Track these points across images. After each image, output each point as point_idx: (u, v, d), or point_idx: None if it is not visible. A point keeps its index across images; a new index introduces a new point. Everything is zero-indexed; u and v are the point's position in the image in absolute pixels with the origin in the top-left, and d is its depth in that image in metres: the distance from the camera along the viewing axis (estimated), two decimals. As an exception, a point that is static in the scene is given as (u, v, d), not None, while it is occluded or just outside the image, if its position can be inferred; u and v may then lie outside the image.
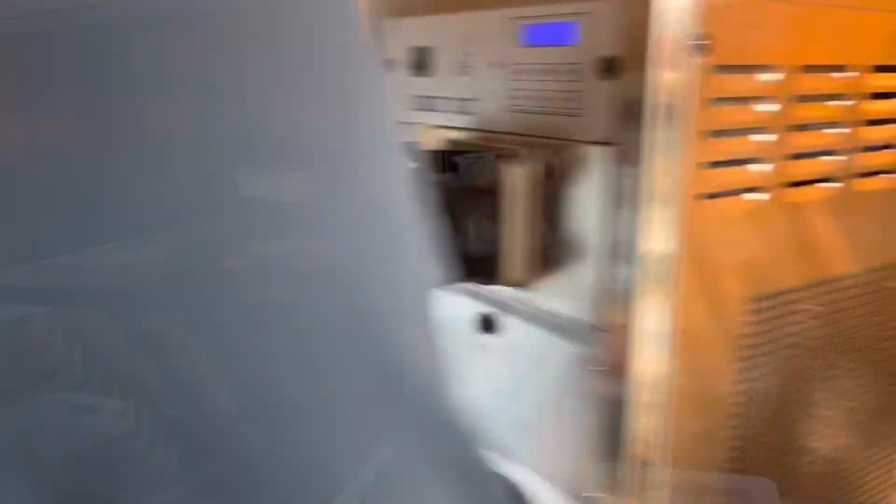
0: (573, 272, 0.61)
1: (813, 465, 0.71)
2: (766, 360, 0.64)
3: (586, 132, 0.57)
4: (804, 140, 0.61)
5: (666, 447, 0.58)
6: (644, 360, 0.56)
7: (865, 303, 0.71)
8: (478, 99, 0.67)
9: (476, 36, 0.66)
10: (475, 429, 0.46)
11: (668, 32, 0.51)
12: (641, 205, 0.53)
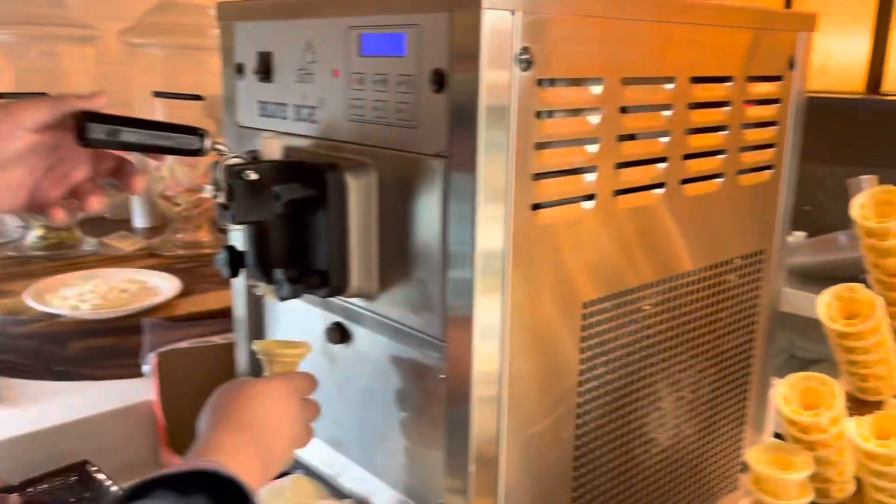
0: (415, 280, 0.61)
1: (658, 455, 0.75)
2: (606, 358, 0.67)
3: (421, 143, 0.57)
4: (630, 149, 0.64)
5: (510, 448, 0.60)
6: (484, 363, 0.57)
7: (699, 299, 0.75)
8: (319, 107, 0.66)
9: (317, 43, 0.66)
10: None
11: (493, 47, 0.52)
12: (473, 213, 0.54)
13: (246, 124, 0.76)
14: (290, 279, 0.61)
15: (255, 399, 0.60)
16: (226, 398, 0.61)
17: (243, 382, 0.63)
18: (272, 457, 0.59)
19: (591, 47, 0.59)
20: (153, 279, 1.17)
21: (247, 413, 0.59)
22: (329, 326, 0.72)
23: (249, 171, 0.59)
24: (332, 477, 0.75)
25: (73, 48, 1.28)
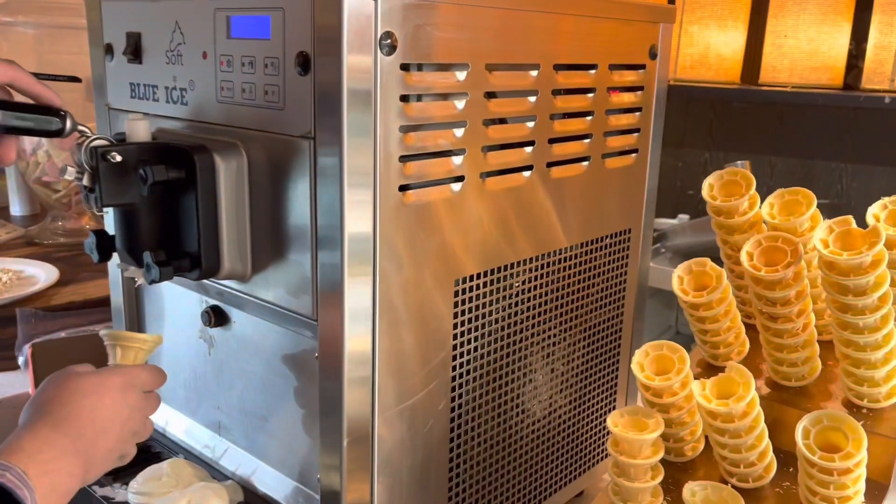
0: (287, 261, 0.62)
1: (534, 425, 0.79)
2: (479, 332, 0.69)
3: (288, 125, 0.58)
4: (497, 133, 0.67)
5: (384, 422, 0.62)
6: (355, 342, 0.59)
7: (570, 275, 0.79)
8: (189, 89, 0.66)
9: (185, 24, 0.65)
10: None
11: (355, 31, 0.53)
12: (341, 194, 0.56)
13: (116, 106, 0.75)
14: (160, 262, 0.61)
15: (80, 393, 0.57)
16: (50, 391, 0.58)
17: (73, 375, 0.60)
18: (95, 454, 0.57)
19: (455, 33, 0.61)
20: (29, 268, 1.13)
21: (69, 409, 0.56)
22: (205, 309, 0.71)
23: (115, 152, 0.59)
24: (213, 460, 0.75)
25: (-65, 25, 1.21)
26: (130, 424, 0.60)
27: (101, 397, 0.59)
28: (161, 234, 0.63)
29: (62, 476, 0.52)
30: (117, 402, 0.59)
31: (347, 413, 0.60)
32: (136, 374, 0.63)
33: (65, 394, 0.58)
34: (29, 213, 1.49)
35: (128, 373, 0.62)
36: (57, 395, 0.58)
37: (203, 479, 0.70)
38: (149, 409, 0.63)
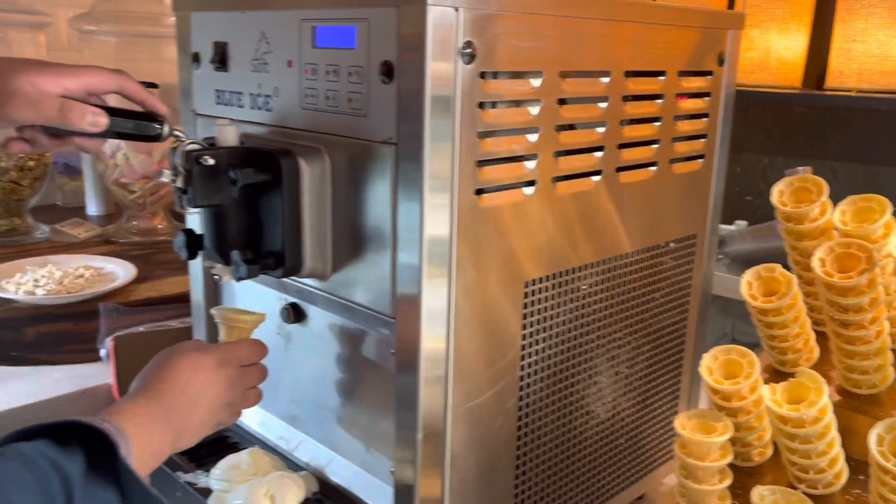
0: (366, 261, 0.65)
1: (597, 426, 0.80)
2: (547, 334, 0.71)
3: (371, 131, 0.61)
4: (568, 139, 0.69)
5: (456, 419, 0.64)
6: (431, 341, 0.61)
7: (637, 279, 0.80)
8: (274, 96, 0.69)
9: (271, 34, 0.68)
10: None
11: (437, 40, 0.56)
12: (421, 198, 0.58)
13: (202, 112, 0.79)
14: (247, 260, 0.64)
15: (177, 370, 0.64)
16: (154, 367, 0.65)
17: (177, 352, 0.66)
18: (185, 425, 0.62)
19: (530, 42, 0.63)
20: (108, 265, 1.18)
21: (166, 383, 0.62)
22: (284, 306, 0.74)
23: (207, 156, 0.62)
24: (288, 451, 0.78)
25: (23, 34, 1.27)
26: (224, 398, 0.65)
27: (195, 373, 0.64)
28: (248, 233, 0.66)
29: (153, 439, 0.58)
30: (210, 378, 0.64)
31: (423, 409, 0.62)
32: (233, 350, 0.68)
33: (164, 369, 0.63)
34: (104, 213, 1.56)
35: (225, 350, 0.67)
36: (158, 371, 0.63)
37: (280, 468, 0.73)
38: (250, 380, 0.68)
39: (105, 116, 0.60)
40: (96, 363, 1.06)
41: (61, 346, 1.06)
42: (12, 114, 0.56)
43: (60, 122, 0.58)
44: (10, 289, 1.06)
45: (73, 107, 0.58)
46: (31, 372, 1.04)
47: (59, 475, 0.48)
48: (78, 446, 0.51)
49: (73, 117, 0.58)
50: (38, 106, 0.56)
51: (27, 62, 0.58)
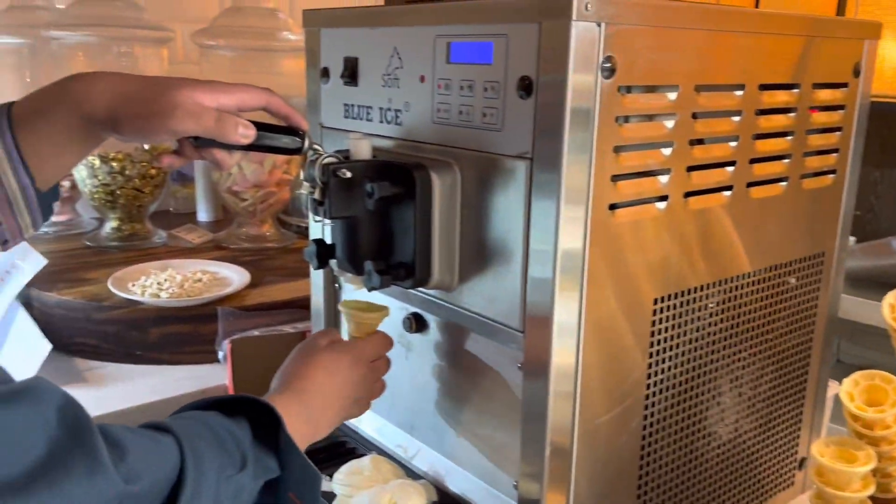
0: (494, 274, 0.65)
1: (718, 449, 0.78)
2: (672, 353, 0.70)
3: (506, 146, 0.61)
4: (701, 153, 0.67)
5: (582, 435, 0.64)
6: (561, 356, 0.61)
7: (762, 298, 0.78)
8: (405, 110, 0.70)
9: (404, 50, 0.70)
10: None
11: (580, 56, 0.56)
12: (556, 212, 0.58)
13: (329, 125, 0.81)
14: (379, 271, 0.66)
15: (314, 370, 0.67)
16: (293, 364, 0.69)
17: (314, 350, 0.69)
18: (320, 422, 0.66)
19: (668, 56, 0.62)
20: (223, 270, 1.23)
21: (304, 383, 0.66)
22: (406, 316, 0.76)
23: (344, 169, 0.64)
24: (406, 459, 0.79)
25: (148, 49, 1.35)
26: (354, 396, 0.69)
27: (331, 374, 0.67)
28: (380, 244, 0.68)
29: (295, 432, 0.60)
30: (344, 378, 0.68)
31: (551, 424, 0.62)
32: (363, 348, 0.71)
33: (303, 368, 0.67)
34: (213, 219, 1.62)
35: (356, 348, 0.70)
36: (298, 369, 0.67)
37: (400, 476, 0.75)
38: (378, 374, 0.72)
39: (253, 129, 0.63)
40: (213, 364, 1.10)
41: (182, 346, 1.11)
42: (175, 126, 0.59)
43: (216, 133, 0.61)
44: (137, 291, 1.12)
45: (228, 119, 0.61)
46: (154, 371, 1.09)
47: (233, 438, 0.53)
48: (244, 418, 0.56)
49: (228, 128, 0.61)
50: (198, 118, 0.59)
51: (185, 80, 0.61)
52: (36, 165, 0.60)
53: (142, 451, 0.45)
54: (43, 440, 0.39)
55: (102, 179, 1.33)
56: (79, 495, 0.39)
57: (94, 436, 0.41)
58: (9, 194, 0.59)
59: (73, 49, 1.30)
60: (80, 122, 0.59)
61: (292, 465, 0.56)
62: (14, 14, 1.37)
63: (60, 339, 1.10)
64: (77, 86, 0.59)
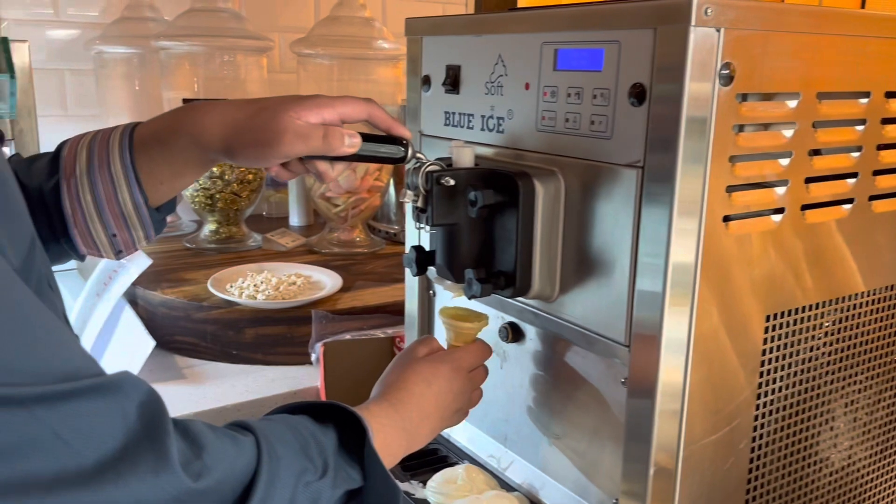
0: (597, 285, 0.63)
1: (828, 476, 0.74)
2: (783, 373, 0.66)
3: (615, 154, 0.60)
4: (821, 164, 0.64)
5: (687, 455, 0.61)
6: (669, 373, 0.59)
7: (879, 319, 0.73)
8: (508, 118, 0.70)
9: (508, 57, 0.69)
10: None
11: (697, 62, 0.54)
12: (666, 224, 0.56)
13: (429, 132, 0.81)
14: (480, 279, 0.65)
15: (413, 381, 0.66)
16: (392, 374, 0.68)
17: (413, 361, 0.69)
18: (418, 434, 0.65)
19: (788, 63, 0.59)
20: (316, 274, 1.26)
21: (402, 394, 0.65)
22: (503, 325, 0.75)
23: (448, 177, 0.64)
24: (499, 470, 0.78)
25: (249, 58, 1.39)
26: (453, 406, 0.68)
27: (429, 385, 0.66)
28: (480, 252, 0.67)
29: (390, 442, 0.61)
30: (443, 389, 0.67)
31: (656, 443, 0.60)
32: (462, 358, 0.70)
33: (402, 379, 0.67)
34: (304, 224, 1.66)
35: (455, 359, 0.69)
36: (396, 380, 0.67)
37: (493, 487, 0.74)
38: (476, 383, 0.71)
39: (359, 138, 0.63)
40: (305, 366, 1.12)
41: (275, 347, 1.13)
42: (286, 151, 0.61)
43: (324, 150, 0.62)
44: (234, 292, 1.15)
45: (334, 132, 0.62)
46: (249, 370, 1.12)
47: (317, 444, 0.53)
48: (332, 426, 0.56)
49: (335, 142, 0.62)
50: (306, 139, 0.61)
51: (289, 101, 0.63)
52: (151, 186, 0.64)
53: (219, 450, 0.45)
54: (120, 433, 0.40)
55: (203, 184, 1.38)
56: (142, 491, 0.39)
57: (167, 434, 0.42)
58: (123, 210, 0.63)
59: (179, 58, 1.36)
60: (195, 151, 0.63)
61: (375, 478, 0.55)
62: (126, 25, 1.44)
63: (162, 337, 1.15)
64: (192, 117, 0.63)
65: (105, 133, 0.65)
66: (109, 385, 0.40)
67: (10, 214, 0.45)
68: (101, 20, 1.51)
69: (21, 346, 0.37)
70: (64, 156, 0.64)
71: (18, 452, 0.35)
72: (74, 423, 0.37)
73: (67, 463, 0.37)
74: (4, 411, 0.35)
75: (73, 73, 1.53)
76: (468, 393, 0.70)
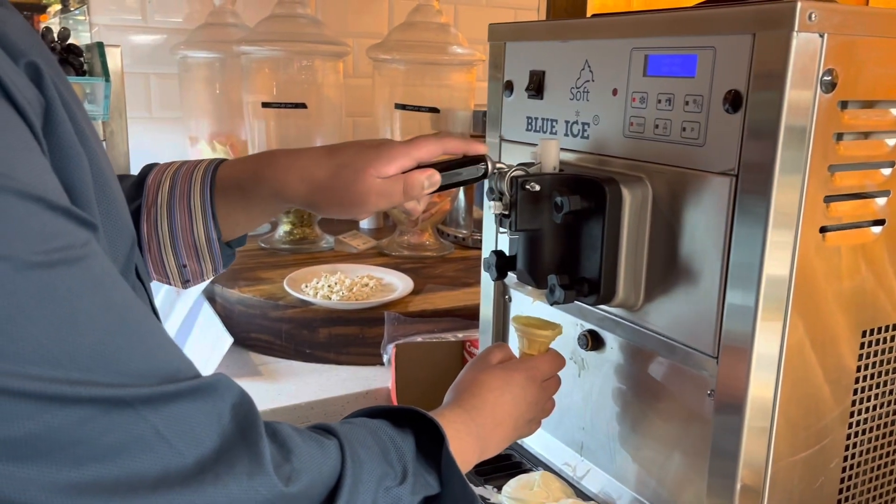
0: (685, 295, 0.62)
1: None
2: (878, 391, 0.64)
3: (708, 161, 0.59)
4: (925, 174, 0.61)
5: (774, 472, 0.59)
6: (759, 389, 0.57)
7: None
8: (593, 123, 0.69)
9: (595, 63, 0.69)
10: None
11: (799, 68, 0.52)
12: (761, 234, 0.55)
13: (510, 138, 0.81)
14: (563, 285, 0.65)
15: (487, 388, 0.66)
16: (466, 380, 0.67)
17: (486, 368, 0.68)
18: (490, 441, 0.64)
19: (892, 69, 0.57)
20: (388, 276, 1.27)
21: (476, 400, 0.65)
22: (582, 333, 0.74)
23: (533, 182, 0.64)
24: (574, 479, 0.77)
25: (327, 63, 1.42)
26: (526, 416, 0.67)
27: (503, 393, 0.66)
28: (563, 259, 0.67)
29: (464, 449, 0.61)
30: (517, 398, 0.66)
31: (743, 459, 0.58)
32: (537, 367, 0.69)
33: (476, 386, 0.66)
34: (375, 227, 1.68)
35: (529, 368, 0.69)
36: (471, 386, 0.66)
37: (570, 495, 0.73)
38: (550, 393, 0.70)
39: (437, 176, 0.64)
40: (376, 367, 1.13)
41: (347, 347, 1.15)
42: (370, 209, 0.64)
43: (406, 201, 0.63)
44: (309, 292, 1.18)
45: (413, 182, 0.63)
46: (321, 369, 1.14)
47: (396, 449, 0.53)
48: (410, 431, 0.56)
49: (416, 192, 0.64)
50: (389, 196, 0.63)
51: (364, 152, 0.64)
52: (226, 224, 0.67)
53: (306, 454, 0.45)
54: (217, 435, 0.40)
55: (279, 185, 1.41)
56: (237, 493, 0.40)
57: (261, 437, 0.42)
58: (197, 242, 0.66)
59: (260, 63, 1.39)
60: (275, 203, 0.66)
61: (452, 485, 0.55)
62: (209, 31, 1.49)
63: (238, 334, 1.18)
64: (274, 171, 0.65)
65: (189, 166, 0.67)
66: (207, 387, 0.41)
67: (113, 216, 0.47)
68: (186, 26, 1.56)
69: (128, 347, 0.38)
70: (148, 183, 0.67)
71: (126, 452, 0.36)
72: (176, 425, 0.38)
73: (170, 463, 0.38)
74: (114, 412, 0.36)
75: (157, 77, 1.59)
76: (542, 403, 0.69)
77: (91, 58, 1.17)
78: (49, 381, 0.34)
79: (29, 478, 0.34)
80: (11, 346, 0.33)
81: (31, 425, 0.33)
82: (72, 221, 0.37)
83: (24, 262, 0.34)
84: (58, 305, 0.35)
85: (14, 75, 0.37)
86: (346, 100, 1.48)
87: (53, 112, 0.39)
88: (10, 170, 0.34)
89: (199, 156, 1.51)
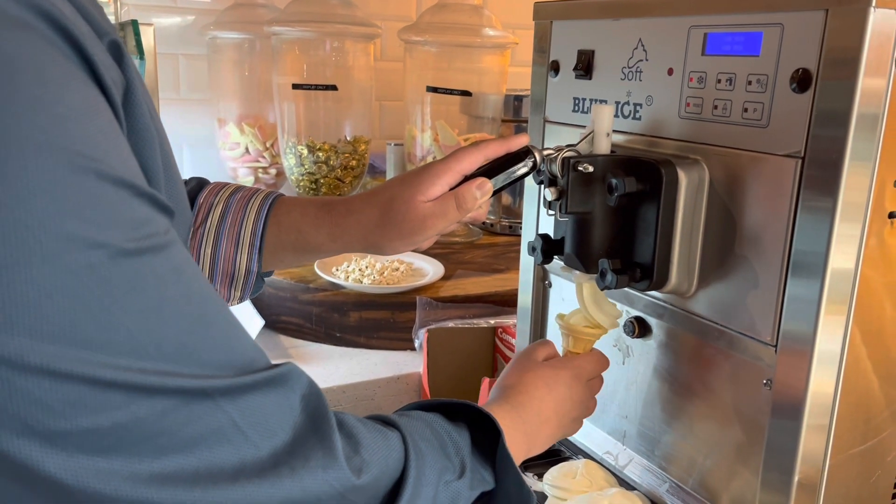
0: (742, 283, 0.60)
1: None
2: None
3: (771, 143, 0.57)
4: None
5: (833, 466, 0.58)
6: (819, 385, 0.56)
7: None
8: (646, 104, 0.67)
9: (649, 41, 0.67)
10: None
11: (874, 48, 0.50)
12: (831, 221, 0.53)
13: (555, 119, 0.79)
14: (615, 270, 0.63)
15: (534, 385, 0.65)
16: (511, 376, 0.66)
17: (532, 364, 0.67)
18: (537, 438, 0.63)
19: (970, 49, 0.55)
20: (418, 261, 1.26)
21: (523, 397, 0.63)
22: (629, 319, 0.73)
23: (586, 163, 0.62)
24: (616, 468, 0.76)
25: (357, 45, 1.40)
26: (572, 414, 0.66)
27: (550, 390, 0.64)
28: (615, 243, 0.65)
29: (512, 445, 0.59)
30: (563, 396, 0.65)
31: (801, 455, 0.57)
32: (582, 366, 0.68)
33: (522, 383, 0.65)
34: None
35: (575, 367, 0.67)
36: (517, 383, 0.65)
37: (613, 484, 0.72)
38: (594, 393, 0.69)
39: (487, 181, 0.63)
40: (407, 351, 1.12)
41: (378, 331, 1.14)
42: (431, 233, 0.63)
43: (463, 214, 0.62)
44: (340, 276, 1.17)
45: (464, 196, 0.63)
46: (352, 353, 1.13)
47: (454, 444, 0.52)
48: (465, 425, 0.55)
49: (469, 204, 0.63)
50: (444, 216, 0.62)
51: (407, 183, 0.63)
52: (271, 261, 0.67)
53: (373, 445, 0.45)
54: (289, 425, 0.40)
55: (308, 168, 1.40)
56: (311, 485, 0.40)
57: (333, 429, 0.42)
58: (235, 272, 0.66)
59: (290, 44, 1.38)
60: (331, 248, 0.66)
61: (507, 481, 0.54)
62: (239, 11, 1.48)
63: (269, 317, 1.17)
64: (333, 219, 0.65)
65: (245, 194, 0.67)
66: (280, 378, 0.40)
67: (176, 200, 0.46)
68: (215, 6, 1.55)
69: (209, 337, 0.37)
70: (200, 202, 0.66)
71: (205, 444, 0.36)
72: (252, 416, 0.38)
73: (247, 455, 0.37)
74: (195, 403, 0.35)
75: (186, 58, 1.58)
76: (586, 402, 0.68)
77: (124, 36, 1.16)
78: (138, 371, 0.33)
79: (113, 469, 0.33)
80: (103, 335, 0.32)
81: (119, 416, 0.33)
82: (154, 208, 0.36)
83: (118, 250, 0.33)
84: (147, 295, 0.34)
85: (102, 55, 0.36)
86: (375, 83, 1.47)
87: (133, 93, 0.38)
88: (105, 155, 0.33)
89: (227, 137, 1.50)
